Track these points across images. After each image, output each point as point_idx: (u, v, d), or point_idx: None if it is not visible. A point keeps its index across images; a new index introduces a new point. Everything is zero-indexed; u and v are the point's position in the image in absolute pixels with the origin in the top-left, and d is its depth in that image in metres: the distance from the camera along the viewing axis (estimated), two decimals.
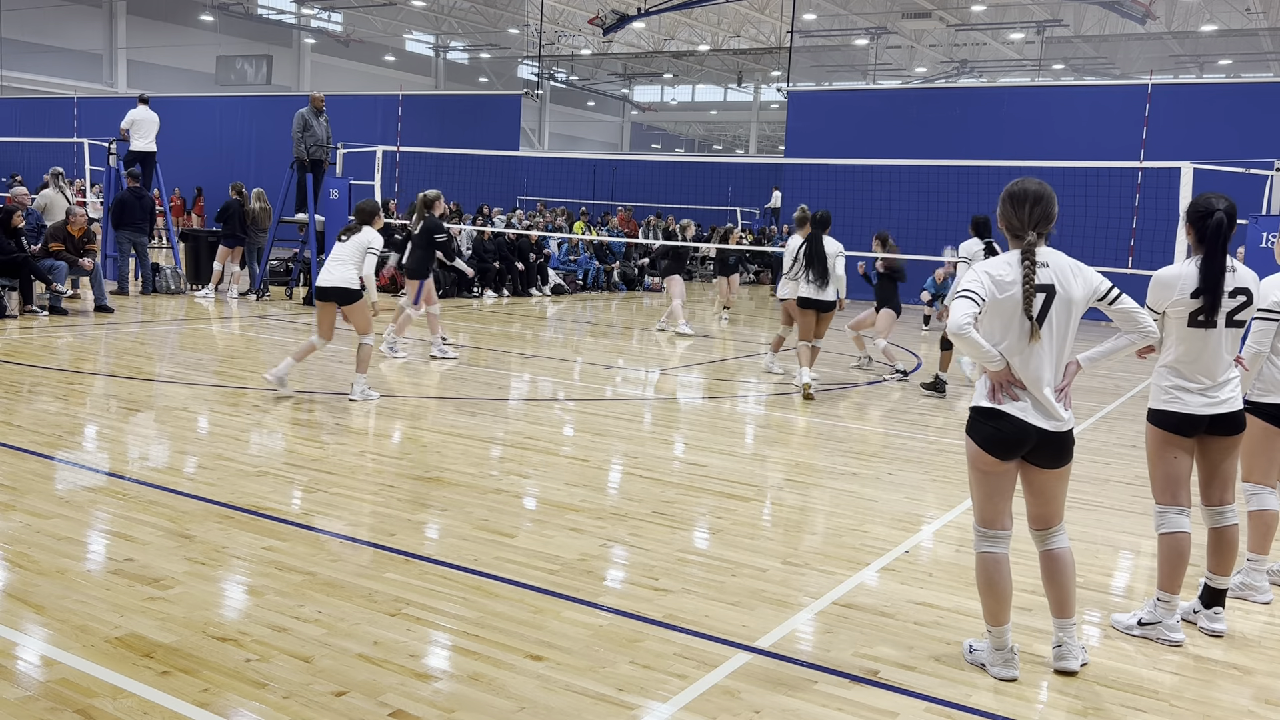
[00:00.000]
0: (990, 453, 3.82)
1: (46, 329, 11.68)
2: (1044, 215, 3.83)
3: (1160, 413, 4.34)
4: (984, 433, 3.84)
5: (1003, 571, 3.89)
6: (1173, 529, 4.31)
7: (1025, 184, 3.89)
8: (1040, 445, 3.82)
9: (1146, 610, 4.37)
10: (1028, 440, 3.80)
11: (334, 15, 46.19)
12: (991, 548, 3.90)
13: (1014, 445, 3.81)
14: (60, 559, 4.59)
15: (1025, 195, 3.85)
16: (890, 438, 8.30)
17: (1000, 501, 3.89)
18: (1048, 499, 3.95)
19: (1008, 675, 3.88)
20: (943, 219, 18.57)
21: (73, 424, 7.26)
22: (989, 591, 3.89)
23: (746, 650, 4.00)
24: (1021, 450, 3.83)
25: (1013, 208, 3.86)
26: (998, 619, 3.88)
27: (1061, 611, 3.97)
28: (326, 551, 4.86)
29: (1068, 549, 4.00)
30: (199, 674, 3.57)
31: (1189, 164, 11.54)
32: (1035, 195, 3.84)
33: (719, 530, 5.55)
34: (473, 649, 3.89)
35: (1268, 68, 38.88)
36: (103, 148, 17.07)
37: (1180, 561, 4.30)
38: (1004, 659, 3.89)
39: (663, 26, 40.92)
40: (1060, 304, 3.80)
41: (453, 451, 6.99)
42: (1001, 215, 3.92)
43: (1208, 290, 4.21)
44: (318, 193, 15.45)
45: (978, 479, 3.91)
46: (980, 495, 3.92)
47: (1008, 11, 36.45)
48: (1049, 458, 3.86)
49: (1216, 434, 4.36)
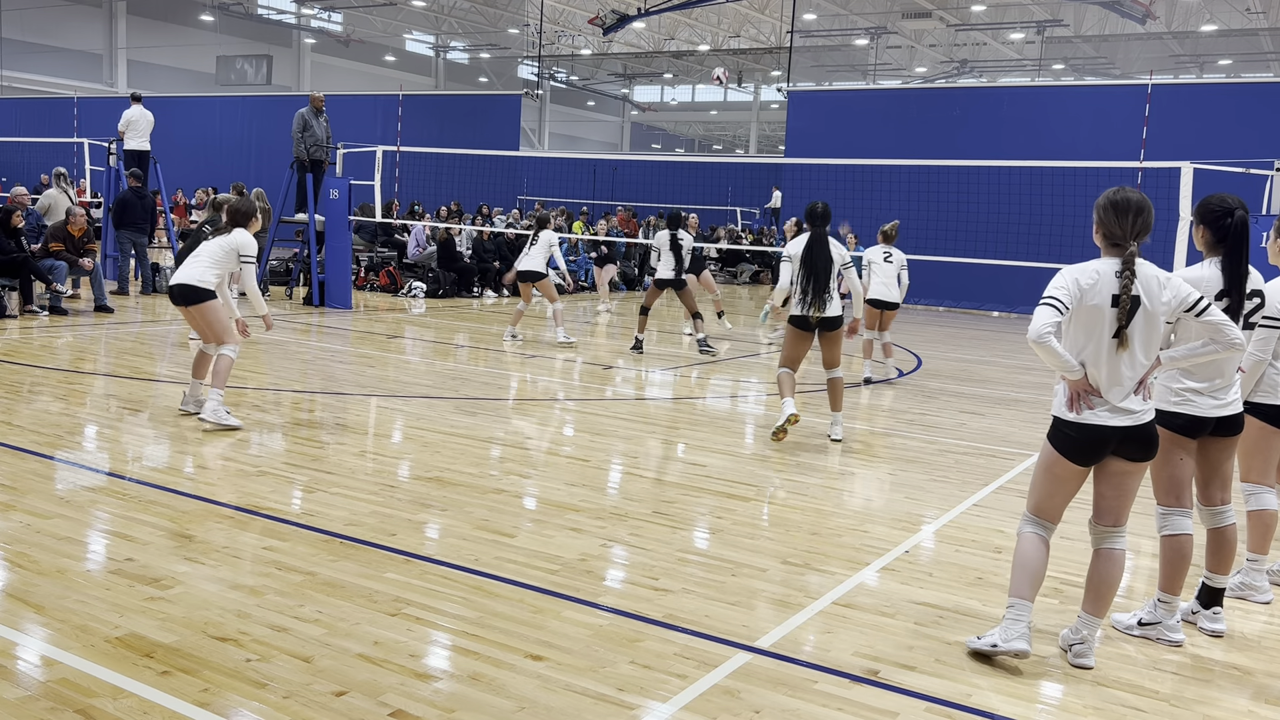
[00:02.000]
0: (1071, 460, 3.92)
1: (46, 329, 11.68)
2: (1145, 226, 3.85)
3: (1169, 415, 4.32)
4: (1064, 441, 3.91)
5: (1043, 552, 4.01)
6: (1176, 531, 4.32)
7: (1127, 193, 3.89)
8: (1125, 442, 3.88)
9: (1147, 610, 4.37)
10: (1109, 444, 3.88)
11: (334, 15, 46.20)
12: (1037, 530, 4.04)
13: (1095, 451, 3.90)
14: (60, 559, 4.59)
15: (1128, 205, 3.84)
16: (890, 438, 8.30)
17: (1061, 500, 4.02)
18: (1123, 493, 4.00)
19: (1018, 649, 3.90)
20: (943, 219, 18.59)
21: (73, 424, 7.26)
22: (1024, 566, 3.99)
23: (746, 650, 4.00)
24: (1103, 454, 3.91)
25: (1115, 216, 3.85)
26: (1023, 593, 3.96)
27: (1098, 610, 4.02)
28: (326, 551, 4.86)
29: (1124, 551, 4.06)
30: (199, 674, 3.57)
31: (1189, 164, 11.55)
32: (1138, 205, 3.85)
33: (719, 530, 5.55)
34: (473, 649, 3.89)
35: (1268, 68, 38.88)
36: (103, 148, 17.07)
37: (1182, 563, 4.31)
38: (1019, 633, 3.92)
39: (663, 26, 40.93)
40: (1143, 315, 3.82)
41: (453, 451, 6.99)
42: (1099, 223, 3.91)
43: (1233, 291, 4.22)
44: (318, 193, 15.46)
45: (1048, 477, 4.00)
46: (1044, 491, 4.02)
47: (1008, 11, 36.46)
48: (1136, 451, 3.92)
49: (1219, 434, 4.37)
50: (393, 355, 11.23)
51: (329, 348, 11.64)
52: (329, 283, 15.39)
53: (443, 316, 15.44)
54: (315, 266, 15.37)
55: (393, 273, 18.57)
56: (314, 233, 15.34)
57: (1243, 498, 4.79)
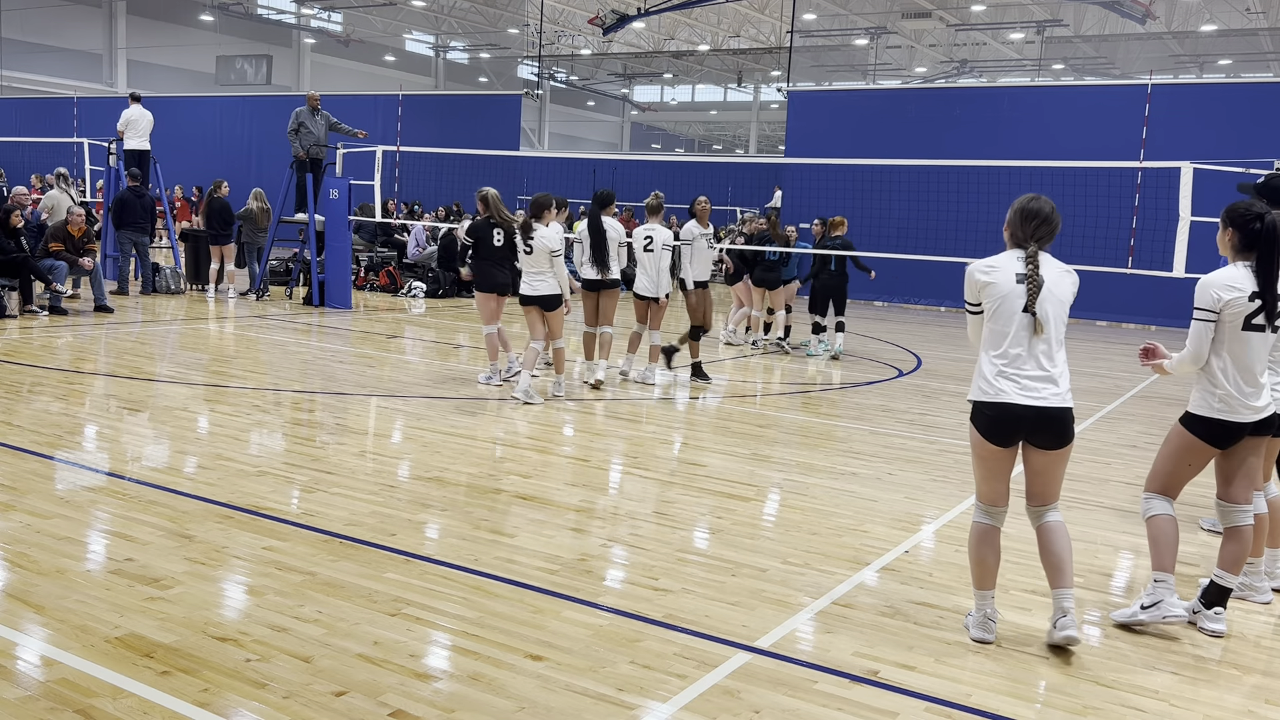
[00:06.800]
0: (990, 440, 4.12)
1: (46, 329, 11.68)
2: (1048, 233, 4.21)
3: (1202, 420, 4.37)
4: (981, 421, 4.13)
5: (990, 541, 4.19)
6: (1159, 512, 4.47)
7: (1040, 202, 4.21)
8: (1037, 427, 4.08)
9: (1146, 594, 4.43)
10: (1022, 425, 4.06)
11: (334, 15, 46.21)
12: (984, 519, 4.22)
13: (1011, 432, 4.10)
14: (60, 559, 4.59)
15: (1036, 213, 4.19)
16: (890, 438, 8.29)
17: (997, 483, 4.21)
18: (1047, 478, 4.19)
19: (983, 638, 4.16)
20: (943, 219, 18.58)
21: (73, 424, 7.26)
22: (975, 557, 4.21)
23: (746, 650, 4.00)
24: (1018, 436, 4.10)
25: (1020, 221, 4.20)
26: (981, 583, 4.21)
27: (1062, 580, 4.13)
28: (326, 551, 4.86)
29: (1061, 522, 4.22)
30: (199, 674, 3.57)
31: (1189, 164, 11.55)
32: (1047, 214, 4.20)
33: (719, 530, 5.55)
34: (473, 649, 3.89)
35: (1268, 68, 38.88)
36: (103, 148, 17.07)
37: (1170, 541, 4.42)
38: (980, 623, 4.19)
39: (663, 26, 40.92)
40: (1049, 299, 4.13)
41: (453, 451, 6.99)
42: (1007, 224, 4.22)
43: (1266, 293, 4.28)
44: (317, 192, 15.46)
45: (977, 462, 4.24)
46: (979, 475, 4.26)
47: (1008, 11, 36.45)
48: (1049, 439, 4.10)
49: (1252, 434, 4.45)
50: (393, 355, 11.22)
51: (329, 348, 11.64)
52: (329, 283, 15.39)
53: (443, 316, 15.45)
54: (315, 266, 15.37)
55: (392, 273, 18.57)
56: (314, 233, 15.34)
57: None
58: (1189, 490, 6.49)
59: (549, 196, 8.90)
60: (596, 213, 9.69)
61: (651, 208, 10.21)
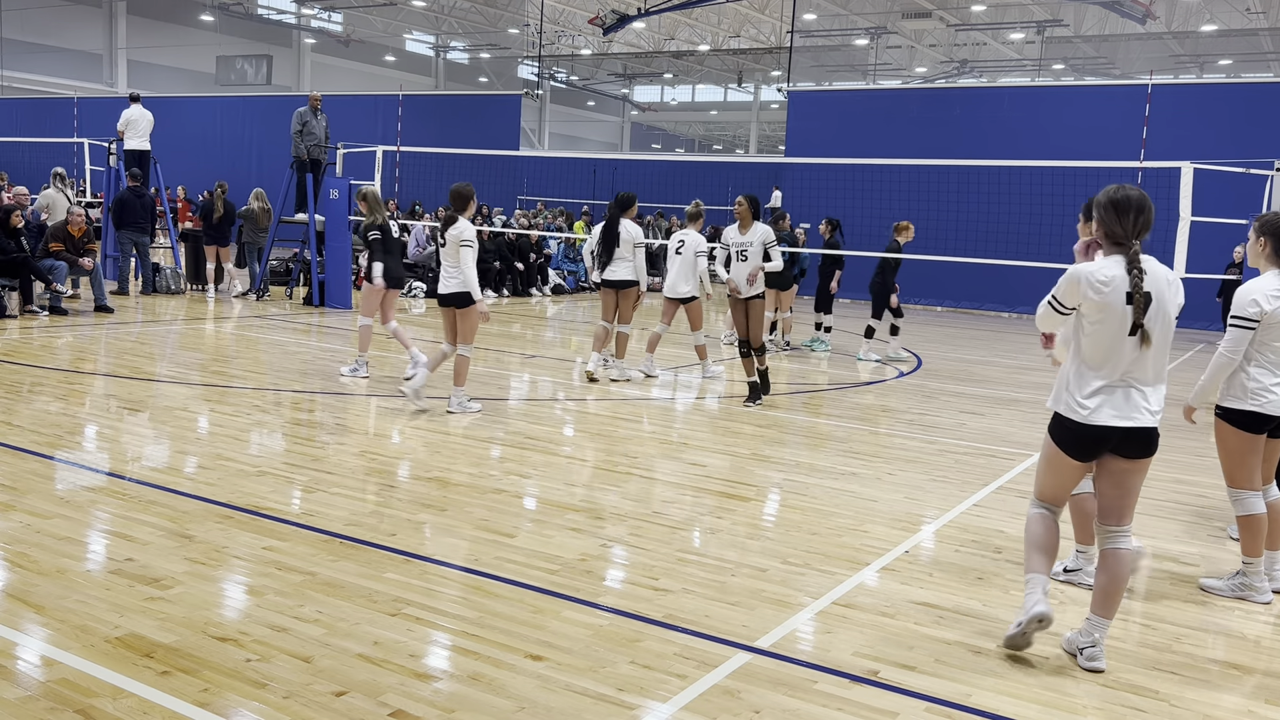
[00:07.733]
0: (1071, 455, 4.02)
1: (46, 329, 11.68)
2: (1145, 224, 3.99)
3: (1244, 413, 4.69)
4: (1063, 435, 4.02)
5: (1051, 529, 4.11)
6: (1253, 510, 4.79)
7: (1128, 191, 3.98)
8: (1125, 441, 3.95)
9: (1247, 573, 4.85)
10: (1108, 442, 3.96)
11: (334, 15, 46.22)
12: (1043, 510, 4.14)
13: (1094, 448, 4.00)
14: (60, 559, 4.59)
15: (1129, 203, 3.92)
16: (890, 438, 8.30)
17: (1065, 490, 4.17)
18: (1125, 491, 4.03)
19: (1038, 613, 3.93)
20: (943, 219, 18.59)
21: (73, 424, 7.26)
22: (1034, 543, 4.09)
23: (746, 650, 4.00)
24: (1101, 451, 4.00)
25: (1116, 215, 3.94)
26: (1035, 568, 4.06)
27: (1106, 611, 4.01)
28: (326, 551, 4.86)
29: (1131, 550, 4.06)
30: (199, 674, 3.57)
31: (1189, 164, 11.56)
32: (1138, 203, 3.95)
33: (719, 530, 5.55)
34: (473, 649, 3.89)
35: (1268, 68, 38.88)
36: (103, 148, 17.07)
37: (1271, 528, 4.85)
38: (1036, 600, 3.97)
39: (663, 26, 40.92)
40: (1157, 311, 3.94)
41: (453, 451, 6.99)
42: (1100, 221, 4.01)
43: None
44: (317, 192, 15.46)
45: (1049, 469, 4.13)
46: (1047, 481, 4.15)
47: (1008, 11, 36.45)
48: (1135, 449, 3.95)
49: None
50: (392, 355, 11.21)
51: (329, 348, 11.64)
52: (329, 283, 15.39)
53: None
54: (315, 266, 15.37)
55: None
56: (314, 233, 15.34)
57: (1230, 503, 4.86)
58: (1216, 497, 6.58)
59: (468, 186, 8.42)
60: (616, 215, 9.92)
61: (691, 215, 10.82)
